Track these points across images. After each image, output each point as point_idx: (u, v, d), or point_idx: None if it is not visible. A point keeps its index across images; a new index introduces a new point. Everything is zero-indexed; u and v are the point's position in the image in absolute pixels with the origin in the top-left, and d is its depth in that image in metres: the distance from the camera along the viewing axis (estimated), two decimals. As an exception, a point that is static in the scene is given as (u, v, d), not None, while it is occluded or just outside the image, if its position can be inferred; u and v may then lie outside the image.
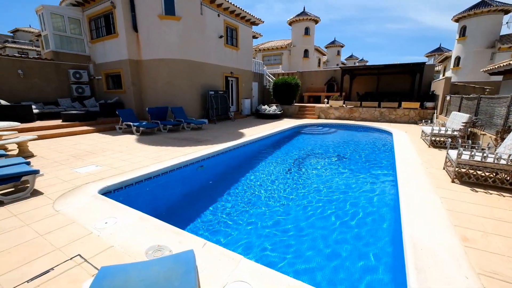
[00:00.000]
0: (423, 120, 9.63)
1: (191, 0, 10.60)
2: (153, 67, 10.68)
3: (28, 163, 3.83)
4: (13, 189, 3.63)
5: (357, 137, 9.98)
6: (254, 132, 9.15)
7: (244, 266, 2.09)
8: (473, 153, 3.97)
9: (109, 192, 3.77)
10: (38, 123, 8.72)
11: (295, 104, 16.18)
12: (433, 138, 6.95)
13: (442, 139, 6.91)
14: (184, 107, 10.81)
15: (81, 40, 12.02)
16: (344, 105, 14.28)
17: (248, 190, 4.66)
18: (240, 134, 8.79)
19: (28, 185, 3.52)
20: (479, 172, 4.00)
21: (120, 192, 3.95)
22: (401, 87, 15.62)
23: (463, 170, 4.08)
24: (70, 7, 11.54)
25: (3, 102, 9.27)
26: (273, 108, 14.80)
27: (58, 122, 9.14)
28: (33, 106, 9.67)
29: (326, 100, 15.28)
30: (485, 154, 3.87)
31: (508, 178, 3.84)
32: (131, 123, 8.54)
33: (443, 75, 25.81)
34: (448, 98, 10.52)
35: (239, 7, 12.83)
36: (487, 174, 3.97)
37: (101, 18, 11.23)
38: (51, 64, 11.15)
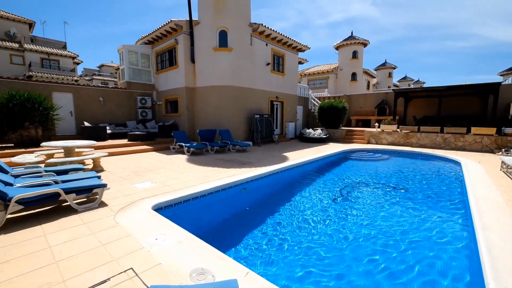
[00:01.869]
0: (503, 149, 8.15)
1: (242, 32, 11.56)
2: (206, 93, 11.68)
3: (99, 177, 4.41)
4: (85, 199, 4.18)
5: (415, 166, 8.89)
6: (297, 156, 8.96)
7: (288, 305, 1.92)
8: None
9: (160, 209, 4.03)
10: (109, 142, 10.16)
11: (342, 128, 15.52)
12: (519, 172, 5.75)
13: (532, 173, 5.66)
14: (230, 129, 11.37)
15: (149, 72, 14.02)
16: (398, 130, 13.10)
17: (289, 219, 4.45)
18: (284, 157, 8.70)
19: (97, 196, 4.02)
20: None
21: (170, 209, 4.19)
22: (468, 110, 13.75)
23: None
24: (143, 45, 13.77)
25: (87, 124, 11.18)
26: (318, 132, 14.44)
27: (124, 141, 10.52)
28: (107, 127, 11.39)
29: (377, 124, 14.30)
30: None
31: None
32: (183, 144, 9.28)
33: (526, 96, 21.85)
34: (536, 123, 8.76)
35: (286, 36, 13.42)
36: None
37: (165, 52, 13.01)
38: (125, 92, 13.18)
